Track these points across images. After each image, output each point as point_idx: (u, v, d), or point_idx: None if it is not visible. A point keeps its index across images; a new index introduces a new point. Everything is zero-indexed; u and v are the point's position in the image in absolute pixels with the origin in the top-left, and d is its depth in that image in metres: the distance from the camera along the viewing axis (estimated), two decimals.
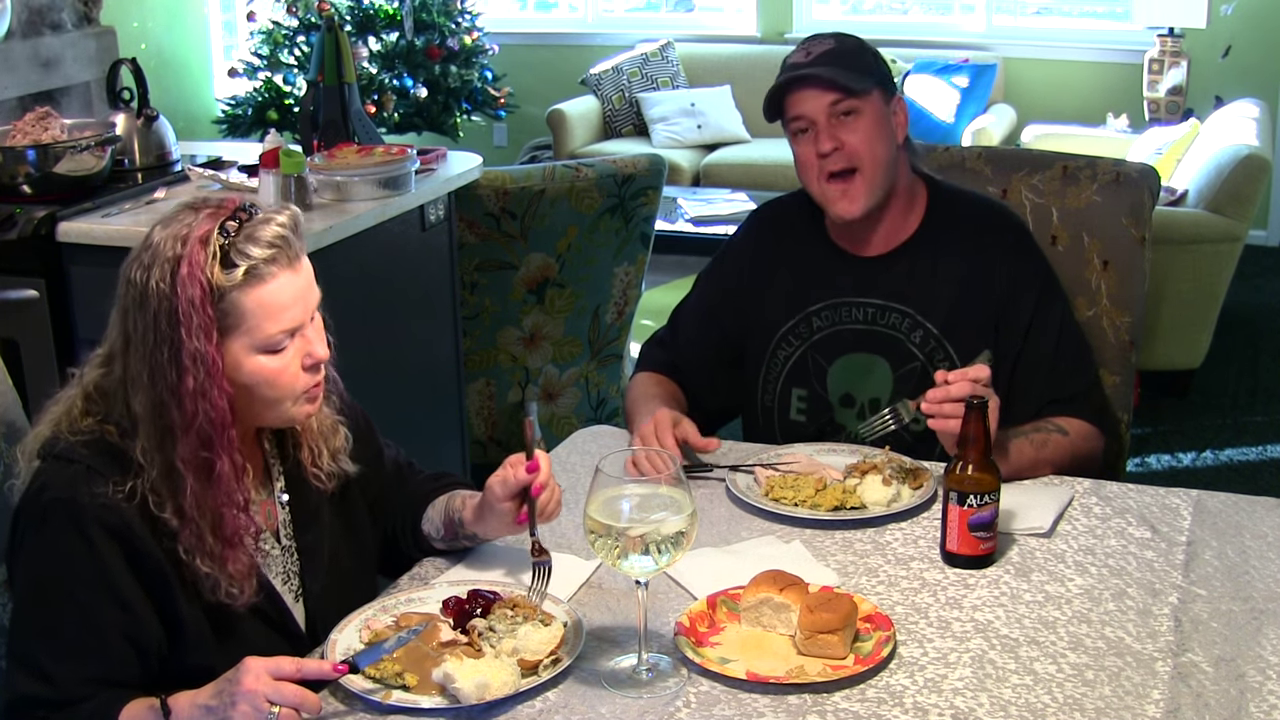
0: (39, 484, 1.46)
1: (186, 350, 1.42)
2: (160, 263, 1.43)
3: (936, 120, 6.37)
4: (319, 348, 1.54)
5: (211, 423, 1.44)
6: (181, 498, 1.45)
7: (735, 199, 5.31)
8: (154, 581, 1.46)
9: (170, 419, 1.44)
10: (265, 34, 6.48)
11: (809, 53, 2.03)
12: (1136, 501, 1.88)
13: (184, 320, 1.42)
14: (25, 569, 1.47)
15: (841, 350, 2.13)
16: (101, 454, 1.46)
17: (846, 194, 2.02)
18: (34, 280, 2.84)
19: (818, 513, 1.83)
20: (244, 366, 1.48)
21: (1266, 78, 6.24)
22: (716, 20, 7.59)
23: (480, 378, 3.67)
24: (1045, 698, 1.41)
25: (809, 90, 2.01)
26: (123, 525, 1.43)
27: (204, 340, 1.43)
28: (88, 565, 1.42)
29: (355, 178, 2.96)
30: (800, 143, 2.05)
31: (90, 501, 1.42)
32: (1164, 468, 4.02)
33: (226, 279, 1.44)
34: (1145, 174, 2.27)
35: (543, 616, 1.54)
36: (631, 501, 1.42)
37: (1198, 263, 4.24)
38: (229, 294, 1.44)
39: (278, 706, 1.33)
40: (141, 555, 1.44)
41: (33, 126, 3.03)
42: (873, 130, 2.01)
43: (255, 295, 1.45)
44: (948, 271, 2.08)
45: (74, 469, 1.44)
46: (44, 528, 1.44)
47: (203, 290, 1.42)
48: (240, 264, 1.44)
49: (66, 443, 1.46)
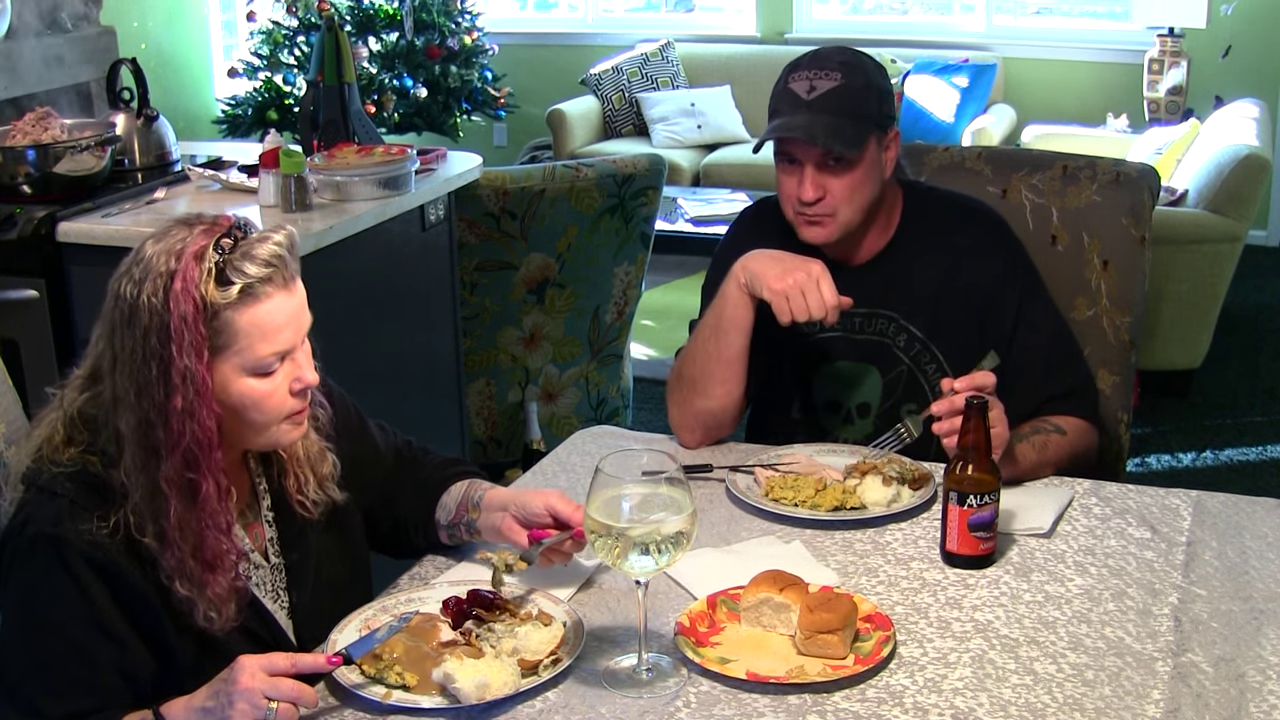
0: (23, 517, 1.42)
1: (176, 368, 1.39)
2: (153, 277, 1.39)
3: (936, 120, 6.37)
4: (308, 373, 1.51)
5: (198, 443, 1.41)
6: (164, 519, 1.41)
7: (735, 199, 5.30)
8: (142, 614, 1.44)
9: (156, 438, 1.40)
10: (265, 34, 6.48)
11: (812, 87, 1.96)
12: (1136, 502, 1.88)
13: (175, 337, 1.38)
14: (12, 605, 1.44)
15: (827, 357, 2.12)
16: (84, 486, 1.42)
17: (817, 229, 2.01)
18: (34, 280, 2.84)
19: (818, 513, 1.83)
20: (232, 388, 1.45)
21: (1266, 78, 6.24)
22: (716, 20, 7.59)
23: (480, 378, 3.67)
24: (1045, 698, 1.42)
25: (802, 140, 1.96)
26: (108, 561, 1.40)
27: (194, 358, 1.39)
28: (76, 602, 1.40)
29: (355, 178, 2.96)
30: (784, 170, 2.02)
31: (75, 539, 1.39)
32: (1164, 468, 4.02)
33: (221, 296, 1.40)
34: (1145, 174, 2.27)
35: (542, 616, 1.55)
36: (631, 501, 1.42)
37: (1198, 263, 4.24)
38: (222, 312, 1.41)
39: (275, 702, 1.33)
40: (128, 590, 1.42)
41: (33, 126, 3.03)
42: (861, 180, 1.98)
43: (249, 315, 1.42)
44: (925, 274, 2.07)
45: (58, 503, 1.41)
46: (29, 564, 1.41)
47: (196, 307, 1.39)
48: (236, 282, 1.41)
49: (49, 474, 1.43)
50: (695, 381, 2.05)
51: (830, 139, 1.94)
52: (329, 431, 1.65)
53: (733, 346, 2.02)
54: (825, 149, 1.95)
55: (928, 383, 2.07)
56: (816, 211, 1.99)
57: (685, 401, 2.08)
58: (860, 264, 2.09)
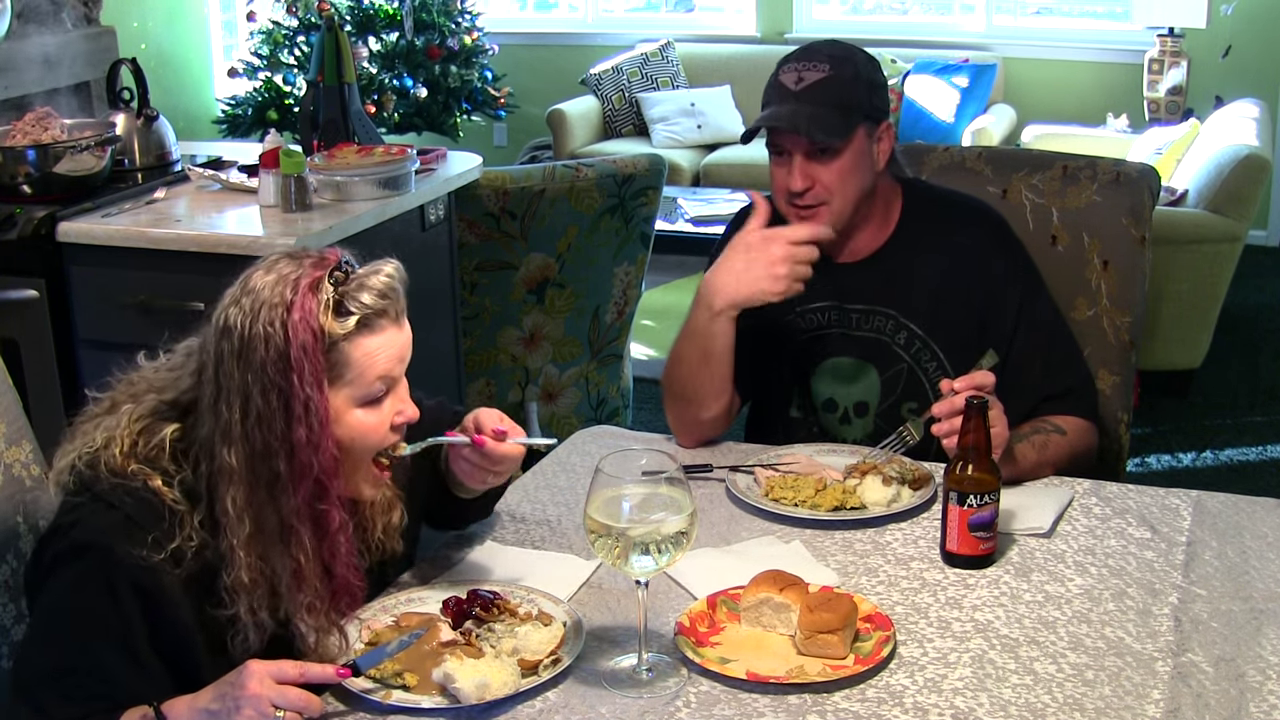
0: (72, 519, 1.40)
1: (298, 398, 1.37)
2: (267, 308, 1.38)
3: (936, 120, 6.37)
4: (410, 408, 1.51)
5: (326, 473, 1.40)
6: (297, 550, 1.40)
7: (735, 199, 5.30)
8: (177, 647, 1.41)
9: (277, 470, 1.38)
10: (265, 34, 6.48)
11: (800, 79, 1.96)
12: (1136, 502, 1.88)
13: (296, 366, 1.37)
14: (46, 605, 1.42)
15: (824, 356, 2.12)
16: (143, 504, 1.39)
17: (809, 220, 2.00)
18: (34, 280, 2.84)
19: (818, 513, 1.83)
20: (344, 419, 1.44)
21: (1266, 78, 6.24)
22: (716, 20, 7.60)
23: (480, 378, 3.67)
24: (1045, 698, 1.42)
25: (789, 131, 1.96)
26: (155, 588, 1.37)
27: (315, 388, 1.38)
28: (111, 621, 1.37)
29: (355, 178, 2.96)
30: (775, 162, 2.01)
31: (125, 557, 1.36)
32: (1164, 468, 4.02)
33: (339, 327, 1.40)
34: (1145, 174, 2.27)
35: (542, 616, 1.55)
36: (631, 501, 1.42)
37: (1198, 263, 4.24)
38: (340, 343, 1.41)
39: (282, 711, 1.33)
40: (169, 620, 1.39)
41: (33, 126, 3.03)
42: (849, 169, 1.98)
43: (363, 345, 1.42)
44: (926, 272, 2.07)
45: (114, 515, 1.38)
46: (73, 568, 1.38)
47: (315, 337, 1.38)
48: (355, 312, 1.41)
49: (108, 483, 1.40)
50: (690, 399, 2.06)
51: (813, 127, 1.94)
52: (404, 480, 1.61)
53: (723, 368, 2.03)
54: (809, 138, 1.95)
55: (928, 380, 2.07)
56: (806, 202, 1.99)
57: (681, 412, 2.09)
58: (858, 261, 2.09)
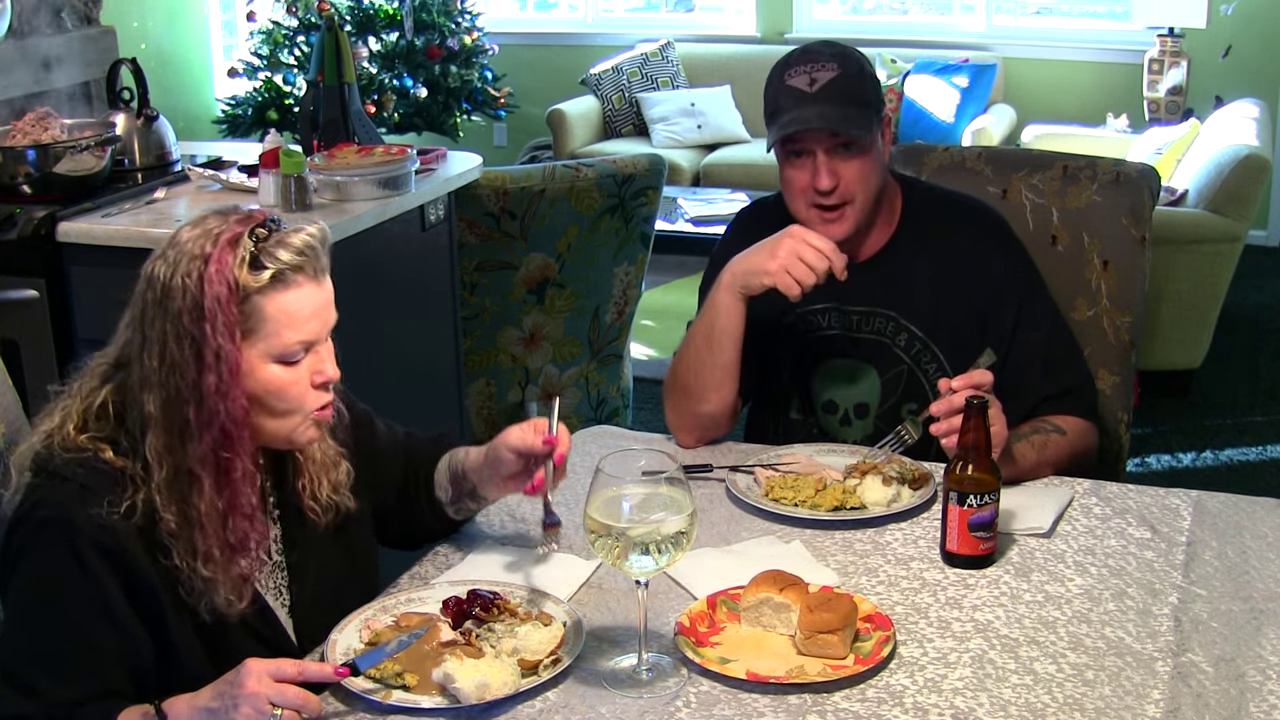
0: (32, 500, 1.44)
1: (209, 347, 1.42)
2: (187, 260, 1.43)
3: (936, 120, 6.37)
4: (330, 367, 1.53)
5: (233, 420, 1.44)
6: (196, 499, 1.44)
7: (735, 199, 5.30)
8: (147, 603, 1.45)
9: (186, 416, 1.43)
10: (265, 34, 6.48)
11: (813, 80, 1.96)
12: (1136, 502, 1.88)
13: (209, 316, 1.41)
14: (19, 588, 1.45)
15: (825, 357, 2.12)
16: (95, 472, 1.43)
17: (834, 222, 2.00)
18: (34, 280, 2.84)
19: (818, 513, 1.83)
20: (257, 373, 1.47)
21: (1266, 78, 6.24)
22: (716, 20, 7.59)
23: (480, 378, 3.67)
24: (1045, 698, 1.42)
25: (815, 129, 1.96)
26: (117, 547, 1.41)
27: (227, 338, 1.42)
28: (83, 587, 1.41)
29: (355, 178, 2.96)
30: (793, 166, 2.01)
31: (85, 522, 1.40)
32: (1164, 468, 4.02)
33: (253, 280, 1.44)
34: (1145, 174, 2.27)
35: (542, 616, 1.55)
36: (631, 501, 1.42)
37: (1198, 263, 4.24)
38: (253, 296, 1.44)
39: (280, 709, 1.33)
40: (135, 577, 1.43)
41: (33, 126, 3.03)
42: (871, 164, 1.98)
43: (278, 301, 1.46)
44: (926, 272, 2.07)
45: (68, 487, 1.42)
46: (37, 546, 1.42)
47: (229, 289, 1.42)
48: (269, 267, 1.45)
49: (60, 459, 1.44)
50: (690, 388, 2.06)
51: (847, 125, 1.95)
52: (344, 438, 1.67)
53: (726, 354, 2.03)
54: (840, 135, 1.95)
55: (928, 382, 2.07)
56: (833, 201, 1.99)
57: (681, 405, 2.08)
58: (860, 262, 2.09)
